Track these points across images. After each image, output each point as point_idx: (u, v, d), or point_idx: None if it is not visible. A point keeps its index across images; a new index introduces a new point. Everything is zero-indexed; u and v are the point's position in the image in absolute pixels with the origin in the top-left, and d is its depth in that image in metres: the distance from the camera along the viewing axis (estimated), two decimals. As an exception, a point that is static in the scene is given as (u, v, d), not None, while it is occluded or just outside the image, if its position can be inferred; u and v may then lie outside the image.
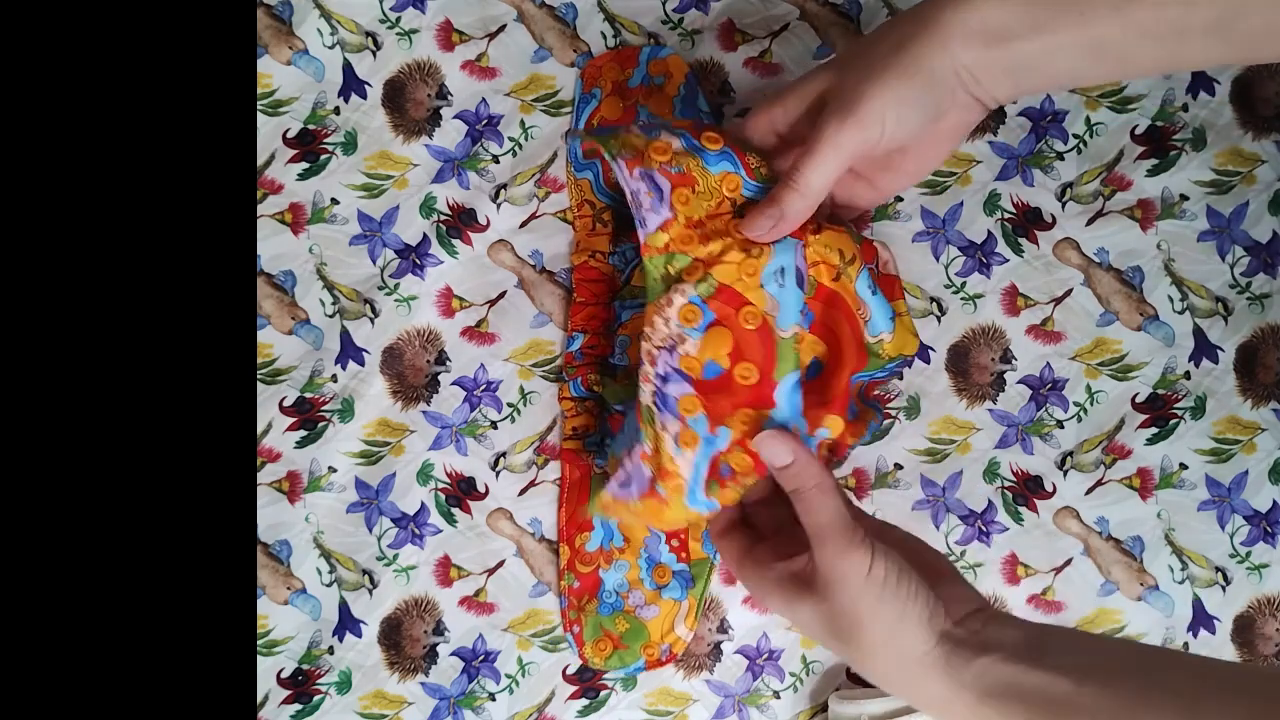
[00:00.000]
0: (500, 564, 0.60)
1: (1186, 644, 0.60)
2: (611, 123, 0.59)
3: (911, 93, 0.45)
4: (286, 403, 0.60)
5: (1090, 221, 0.60)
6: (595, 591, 0.59)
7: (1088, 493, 0.60)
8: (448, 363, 0.60)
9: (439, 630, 0.60)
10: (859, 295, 0.50)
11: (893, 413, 0.60)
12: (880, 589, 0.45)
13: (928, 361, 0.60)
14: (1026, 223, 0.61)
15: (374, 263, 0.60)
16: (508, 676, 0.60)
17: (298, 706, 0.60)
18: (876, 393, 0.58)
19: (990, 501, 0.60)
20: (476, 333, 0.60)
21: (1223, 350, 0.60)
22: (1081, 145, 0.60)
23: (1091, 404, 0.60)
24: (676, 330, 0.48)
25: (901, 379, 0.60)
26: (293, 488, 0.60)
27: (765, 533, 0.51)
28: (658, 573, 0.59)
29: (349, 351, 0.60)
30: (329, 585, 0.60)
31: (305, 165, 0.60)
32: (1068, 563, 0.60)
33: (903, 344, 0.53)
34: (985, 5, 0.44)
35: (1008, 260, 0.61)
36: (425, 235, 0.60)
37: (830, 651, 0.50)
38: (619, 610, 0.59)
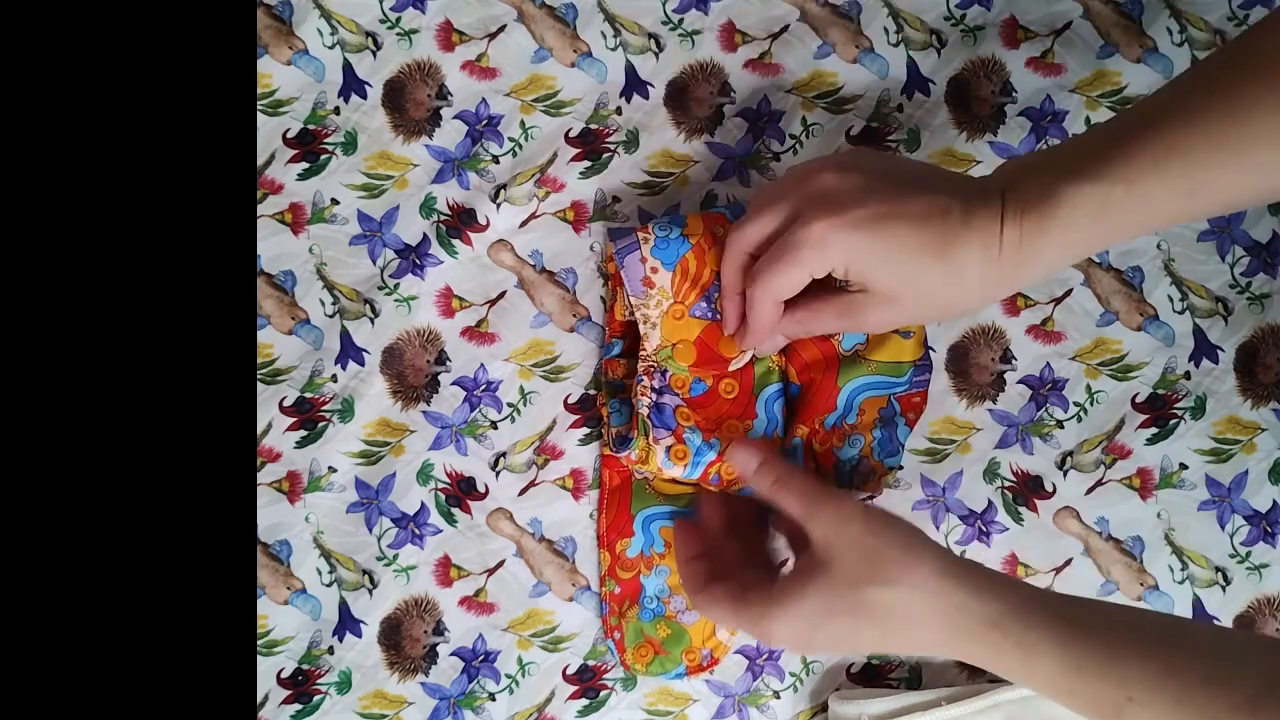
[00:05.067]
0: (500, 564, 0.60)
1: (1186, 644, 0.60)
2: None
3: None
4: (286, 403, 0.60)
5: (1090, 221, 0.60)
6: (636, 597, 0.59)
7: (1088, 493, 0.60)
8: (448, 363, 0.60)
9: (439, 630, 0.60)
10: None
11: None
12: (884, 515, 0.47)
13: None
14: (1026, 223, 0.61)
15: (374, 263, 0.60)
16: (508, 676, 0.60)
17: (298, 706, 0.60)
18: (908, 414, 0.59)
19: (990, 501, 0.60)
20: (476, 333, 0.60)
21: (1223, 350, 0.60)
22: (1081, 145, 0.60)
23: (1091, 404, 0.60)
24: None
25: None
26: (293, 488, 0.60)
27: (731, 569, 0.51)
28: None
29: (349, 351, 0.60)
30: (329, 585, 0.60)
31: (305, 165, 0.60)
32: (1068, 563, 0.60)
33: (898, 351, 0.57)
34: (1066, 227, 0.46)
35: (1008, 260, 0.60)
36: (425, 235, 0.60)
37: (841, 638, 0.47)
38: (660, 616, 0.58)
